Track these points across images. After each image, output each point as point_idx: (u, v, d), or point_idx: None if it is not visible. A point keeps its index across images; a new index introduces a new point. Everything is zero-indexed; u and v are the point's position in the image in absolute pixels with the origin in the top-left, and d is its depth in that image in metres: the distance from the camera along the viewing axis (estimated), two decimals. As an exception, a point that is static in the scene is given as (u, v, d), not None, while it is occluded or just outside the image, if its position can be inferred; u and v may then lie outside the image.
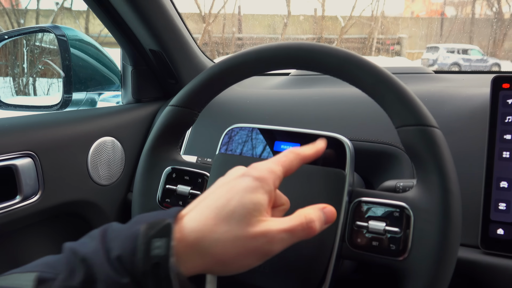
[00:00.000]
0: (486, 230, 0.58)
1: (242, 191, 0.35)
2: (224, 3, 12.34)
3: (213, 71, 0.56)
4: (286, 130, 0.54)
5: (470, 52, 9.56)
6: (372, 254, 0.46)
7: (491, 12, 11.12)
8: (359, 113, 0.73)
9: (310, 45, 0.52)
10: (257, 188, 0.36)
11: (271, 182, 0.37)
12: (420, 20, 12.26)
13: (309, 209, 0.39)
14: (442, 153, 0.45)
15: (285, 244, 0.36)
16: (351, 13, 11.56)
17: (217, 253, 0.33)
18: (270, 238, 0.34)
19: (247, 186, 0.36)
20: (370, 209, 0.48)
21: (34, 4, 9.91)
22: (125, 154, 0.84)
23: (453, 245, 0.43)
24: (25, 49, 1.34)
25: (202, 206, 0.35)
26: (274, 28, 11.74)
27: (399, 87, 0.47)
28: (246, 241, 0.34)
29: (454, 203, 0.43)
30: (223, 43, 11.28)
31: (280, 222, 0.36)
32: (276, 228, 0.35)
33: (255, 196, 0.35)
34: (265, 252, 0.35)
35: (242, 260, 0.34)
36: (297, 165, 0.41)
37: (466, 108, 0.67)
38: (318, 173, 0.50)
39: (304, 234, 0.37)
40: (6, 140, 0.63)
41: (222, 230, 0.33)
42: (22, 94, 1.60)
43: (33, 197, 0.66)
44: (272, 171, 0.38)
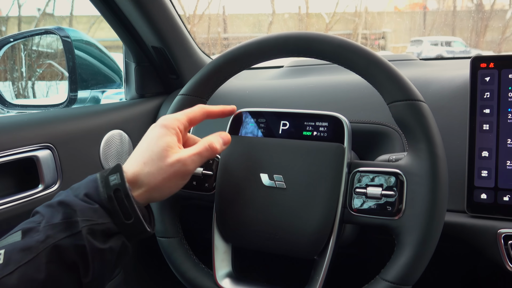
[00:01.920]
0: (471, 195, 0.64)
1: (155, 137, 0.48)
2: (209, 4, 12.31)
3: (218, 61, 0.61)
4: (289, 112, 0.60)
5: (453, 44, 9.71)
6: (371, 216, 0.52)
7: (472, 4, 11.30)
8: (351, 98, 0.79)
9: (307, 34, 0.57)
10: (165, 132, 0.49)
11: (176, 126, 0.50)
12: (404, 14, 12.40)
13: (210, 136, 0.53)
14: (429, 123, 0.51)
15: (196, 164, 0.49)
16: (335, 9, 11.64)
17: (150, 181, 0.46)
18: (183, 162, 0.47)
19: (158, 133, 0.49)
20: (368, 178, 0.54)
21: (15, 11, 9.78)
22: (132, 146, 0.89)
23: (442, 202, 0.49)
24: (23, 54, 1.37)
25: (132, 155, 0.49)
26: (259, 27, 11.78)
27: (389, 67, 0.53)
28: (167, 168, 0.47)
29: (441, 166, 0.49)
30: (209, 43, 11.28)
31: (189, 149, 0.49)
32: (187, 154, 0.48)
33: (165, 138, 0.48)
34: (183, 172, 0.48)
35: (169, 183, 0.47)
36: (200, 117, 0.54)
37: (449, 87, 0.74)
38: (321, 147, 0.56)
39: (209, 153, 0.50)
40: (28, 133, 0.67)
41: (149, 165, 0.46)
42: (21, 98, 1.63)
43: (53, 186, 0.70)
44: (176, 119, 0.51)
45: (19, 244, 0.39)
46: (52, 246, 0.39)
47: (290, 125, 0.59)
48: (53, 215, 0.41)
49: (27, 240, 0.39)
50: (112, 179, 0.44)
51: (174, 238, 0.61)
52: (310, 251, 0.55)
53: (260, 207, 0.56)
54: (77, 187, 0.45)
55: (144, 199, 0.47)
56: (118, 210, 0.43)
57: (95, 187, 0.44)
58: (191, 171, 0.49)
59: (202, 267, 0.60)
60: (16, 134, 0.66)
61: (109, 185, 0.44)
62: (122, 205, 0.43)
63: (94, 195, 0.43)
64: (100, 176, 0.45)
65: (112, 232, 0.43)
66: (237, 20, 11.87)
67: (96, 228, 0.41)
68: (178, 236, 0.61)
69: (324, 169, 0.55)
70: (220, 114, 0.57)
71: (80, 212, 0.41)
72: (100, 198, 0.43)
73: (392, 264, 0.50)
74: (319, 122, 0.58)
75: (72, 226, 0.40)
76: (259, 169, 0.57)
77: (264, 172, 0.57)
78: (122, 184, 0.44)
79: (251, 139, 0.60)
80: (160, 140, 0.48)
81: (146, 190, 0.46)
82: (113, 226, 0.43)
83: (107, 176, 0.44)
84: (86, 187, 0.44)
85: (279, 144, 0.58)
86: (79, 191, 0.44)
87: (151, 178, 0.46)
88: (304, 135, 0.58)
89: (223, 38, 11.60)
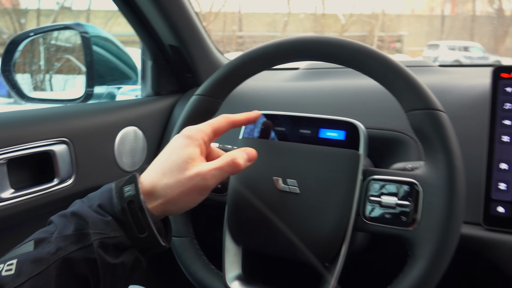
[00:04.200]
0: (488, 208, 0.63)
1: (178, 147, 0.47)
2: (225, 2, 12.34)
3: (235, 63, 0.61)
4: (305, 116, 0.59)
5: (471, 50, 9.58)
6: (385, 226, 0.52)
7: (492, 9, 11.12)
8: (368, 103, 0.78)
9: (325, 38, 0.57)
10: (188, 143, 0.47)
11: (200, 138, 0.48)
12: (421, 18, 12.27)
13: (234, 151, 0.50)
14: (448, 133, 0.50)
15: (217, 179, 0.46)
16: (352, 10, 11.58)
17: (166, 194, 0.44)
18: (203, 176, 0.45)
19: (181, 143, 0.47)
20: (383, 186, 0.53)
21: (35, 4, 9.94)
22: (147, 143, 0.89)
23: (458, 215, 0.48)
24: (42, 47, 1.38)
25: (152, 165, 0.47)
26: (274, 26, 11.77)
27: (408, 75, 0.52)
28: (185, 182, 0.44)
29: (458, 178, 0.48)
30: (224, 41, 11.31)
31: (210, 163, 0.47)
32: (208, 168, 0.46)
33: (187, 149, 0.46)
34: (202, 187, 0.46)
35: (187, 196, 0.45)
36: (225, 126, 0.52)
37: (468, 96, 0.72)
38: (336, 154, 0.55)
39: (231, 169, 0.48)
40: (45, 128, 0.68)
41: (168, 177, 0.45)
42: (39, 90, 1.65)
43: (68, 181, 0.71)
44: (200, 130, 0.49)
45: (31, 255, 0.38)
46: (62, 258, 0.38)
47: (306, 129, 0.59)
48: (66, 226, 0.41)
49: (39, 251, 0.39)
50: (126, 190, 0.43)
51: (186, 238, 0.61)
52: (322, 257, 0.54)
53: (272, 211, 0.56)
54: (93, 197, 0.44)
55: (160, 211, 0.45)
56: (131, 223, 0.42)
57: (109, 197, 0.42)
58: (211, 187, 0.47)
59: (212, 268, 0.60)
60: (34, 128, 0.67)
61: (123, 196, 0.42)
62: (135, 218, 0.42)
63: (108, 207, 0.42)
64: (115, 187, 0.44)
65: (124, 246, 0.42)
66: (252, 18, 11.89)
67: (107, 242, 0.40)
68: (189, 235, 0.61)
69: (339, 175, 0.54)
70: (245, 122, 0.55)
71: (92, 224, 0.40)
72: (114, 209, 0.42)
73: (405, 276, 0.49)
74: (335, 128, 0.57)
75: (84, 239, 0.40)
76: (273, 172, 0.57)
77: (278, 176, 0.57)
78: (137, 195, 0.42)
79: (266, 142, 0.60)
80: (182, 151, 0.46)
81: (162, 203, 0.44)
82: (126, 240, 0.41)
83: (122, 187, 0.43)
84: (101, 197, 0.43)
85: (294, 148, 0.57)
86: (93, 201, 0.43)
87: (168, 191, 0.44)
88: (319, 140, 0.57)
89: (238, 37, 11.62)
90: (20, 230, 0.70)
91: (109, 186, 0.44)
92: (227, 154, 0.49)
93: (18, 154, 0.64)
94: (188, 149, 0.46)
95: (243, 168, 0.49)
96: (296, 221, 0.55)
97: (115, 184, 0.44)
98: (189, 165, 0.45)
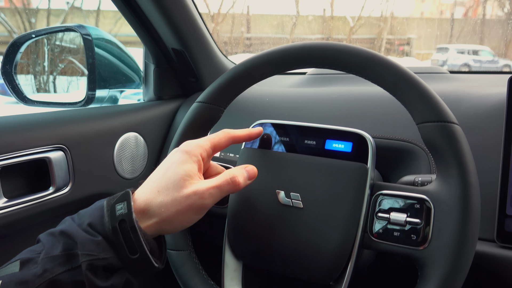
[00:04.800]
0: (502, 224, 0.60)
1: (175, 163, 0.44)
2: (233, 3, 12.35)
3: (238, 69, 0.58)
4: (311, 126, 0.56)
5: (480, 53, 9.47)
6: (394, 244, 0.49)
7: (502, 13, 11.01)
8: (376, 111, 0.75)
9: (333, 45, 0.54)
10: (186, 159, 0.45)
11: (198, 153, 0.46)
12: (430, 21, 12.18)
13: (234, 168, 0.48)
14: (462, 148, 0.47)
15: (215, 198, 0.44)
16: (360, 13, 11.52)
17: (162, 212, 0.42)
18: (200, 195, 0.43)
19: (178, 159, 0.45)
20: (392, 202, 0.50)
21: (45, 4, 10.02)
22: (147, 149, 0.87)
23: (473, 235, 0.45)
24: (46, 48, 1.37)
25: (148, 181, 0.45)
26: (282, 28, 11.74)
27: (420, 85, 0.49)
28: (182, 200, 0.42)
29: (473, 195, 0.45)
30: (232, 42, 11.31)
31: (208, 181, 0.44)
32: (205, 186, 0.43)
33: (185, 165, 0.44)
34: (199, 206, 0.43)
35: (183, 216, 0.43)
36: (225, 142, 0.50)
37: (482, 106, 0.69)
38: (342, 166, 0.52)
39: (230, 188, 0.45)
40: (41, 134, 0.66)
41: (163, 195, 0.42)
42: (42, 92, 1.64)
43: (64, 189, 0.69)
44: (199, 145, 0.47)
45: (16, 276, 0.36)
46: (49, 281, 0.36)
47: (311, 140, 0.56)
48: (54, 246, 0.38)
49: (25, 273, 0.36)
50: (118, 208, 0.40)
51: (184, 251, 0.58)
52: (326, 276, 0.52)
53: (274, 226, 0.53)
54: (83, 214, 0.41)
55: (154, 231, 0.43)
56: (122, 244, 0.39)
57: (100, 216, 0.40)
58: (208, 206, 0.44)
59: (211, 284, 0.58)
60: (29, 134, 0.65)
61: (114, 215, 0.40)
62: (127, 238, 0.39)
63: (98, 226, 0.40)
64: (107, 204, 0.41)
65: (115, 268, 0.39)
66: (261, 20, 11.87)
67: (97, 264, 0.38)
68: (188, 249, 0.59)
69: (345, 190, 0.51)
70: (246, 138, 0.53)
71: (81, 245, 0.38)
72: (105, 229, 0.39)
73: None
74: (343, 139, 0.54)
75: (72, 260, 0.37)
76: (276, 185, 0.54)
77: (281, 189, 0.54)
78: (129, 214, 0.40)
79: (270, 152, 0.57)
80: (179, 167, 0.44)
81: (157, 222, 0.42)
82: (116, 261, 0.39)
83: (114, 205, 0.41)
84: (91, 215, 0.40)
85: (299, 160, 0.55)
86: (83, 219, 0.40)
87: (163, 209, 0.42)
88: (325, 152, 0.54)
89: (246, 38, 11.60)
90: (14, 240, 0.68)
91: (101, 203, 0.42)
92: (227, 172, 0.46)
93: (12, 162, 0.61)
94: (186, 165, 0.44)
95: (242, 187, 0.47)
96: (299, 237, 0.52)
97: (107, 201, 0.42)
98: (186, 183, 0.43)
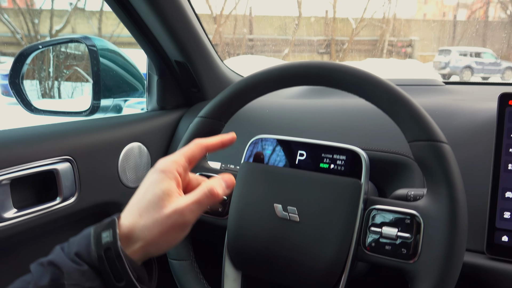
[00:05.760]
0: (492, 237, 0.62)
1: (152, 184, 0.44)
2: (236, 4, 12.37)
3: (239, 86, 0.61)
4: (307, 142, 0.59)
5: (483, 55, 9.48)
6: (385, 257, 0.51)
7: (505, 15, 11.00)
8: (374, 124, 0.78)
9: (329, 64, 0.57)
10: (162, 178, 0.44)
11: (174, 169, 0.45)
12: (433, 23, 12.18)
13: (211, 180, 0.47)
14: (451, 166, 0.49)
15: (196, 213, 0.44)
16: (363, 15, 11.53)
17: (145, 236, 0.42)
18: (180, 212, 0.43)
19: (155, 179, 0.44)
20: (384, 216, 0.53)
21: (48, 4, 10.07)
22: (150, 158, 0.90)
23: (460, 249, 0.47)
24: (52, 54, 1.40)
25: (129, 205, 0.44)
26: (285, 29, 11.77)
27: (412, 105, 0.52)
28: (163, 221, 0.42)
29: (460, 212, 0.48)
30: (234, 44, 11.34)
31: (187, 197, 0.44)
32: (185, 203, 0.43)
33: (162, 185, 0.44)
34: (181, 224, 0.43)
35: (166, 236, 0.43)
36: (199, 153, 0.49)
37: (474, 121, 0.71)
38: (337, 182, 0.55)
39: (210, 201, 0.45)
40: (49, 146, 0.69)
41: (145, 218, 0.42)
42: (48, 97, 1.67)
43: (71, 199, 0.71)
44: (173, 161, 0.46)
45: None
46: None
47: (307, 155, 0.58)
48: (42, 276, 0.39)
49: None
50: (104, 236, 0.40)
51: (185, 261, 0.61)
52: (322, 286, 0.54)
53: (272, 239, 0.56)
54: (71, 243, 0.42)
55: (141, 255, 0.42)
56: (108, 272, 0.39)
57: (87, 244, 0.40)
58: (190, 222, 0.44)
59: None
60: (38, 146, 0.68)
61: (100, 243, 0.40)
62: (113, 266, 0.39)
63: (85, 254, 0.40)
64: (94, 232, 0.41)
65: None
66: (263, 21, 11.89)
67: None
68: (190, 259, 0.61)
69: (339, 204, 0.54)
70: (219, 145, 0.52)
71: (67, 275, 0.38)
72: (91, 257, 0.40)
73: None
74: (337, 155, 0.57)
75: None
76: (273, 199, 0.57)
77: (278, 203, 0.56)
78: (114, 242, 0.40)
79: (267, 167, 0.59)
80: (157, 187, 0.43)
81: (142, 246, 0.42)
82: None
83: (100, 233, 0.41)
84: (79, 244, 0.41)
85: (295, 175, 0.57)
86: (71, 248, 0.41)
87: (146, 233, 0.42)
88: (321, 167, 0.57)
89: (248, 39, 11.63)
90: (23, 249, 0.70)
91: (88, 231, 0.42)
92: (204, 184, 0.46)
93: (22, 174, 0.64)
94: (163, 184, 0.44)
95: (222, 197, 0.46)
96: (296, 249, 0.54)
97: (94, 229, 0.42)
98: (165, 202, 0.43)
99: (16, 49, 9.99)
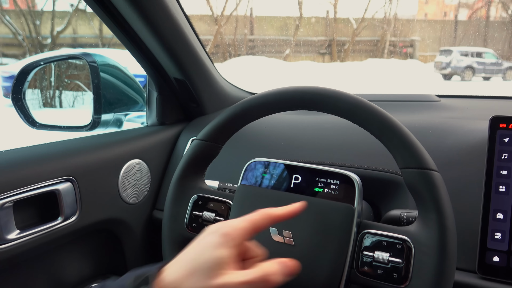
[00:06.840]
0: (483, 257, 0.64)
1: (209, 247, 0.41)
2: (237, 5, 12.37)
3: (236, 110, 0.63)
4: (302, 166, 0.61)
5: (484, 56, 9.47)
6: (377, 281, 0.53)
7: (506, 15, 10.98)
8: (369, 143, 0.79)
9: (324, 90, 0.58)
10: (222, 243, 0.41)
11: (237, 237, 0.42)
12: (434, 23, 12.16)
13: (270, 263, 0.44)
14: (441, 194, 0.51)
15: None
16: (364, 15, 11.54)
17: None
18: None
19: (214, 242, 0.42)
20: (376, 240, 0.54)
21: (49, 6, 10.10)
22: (150, 174, 0.91)
23: (449, 276, 0.49)
24: (53, 64, 1.42)
25: (180, 260, 0.42)
26: (286, 30, 11.78)
27: (403, 132, 0.53)
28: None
29: (450, 239, 0.49)
30: (235, 44, 11.36)
31: (240, 275, 0.41)
32: (236, 281, 0.40)
33: (219, 251, 0.41)
34: None
35: None
36: (265, 224, 0.47)
37: (466, 142, 0.73)
38: (330, 207, 0.56)
39: (262, 286, 0.42)
40: (50, 167, 0.70)
41: (192, 281, 0.40)
42: (48, 106, 1.68)
43: (72, 218, 0.73)
44: (239, 227, 0.43)
45: None
46: None
47: (302, 179, 0.60)
48: None
49: None
50: None
51: None
52: None
53: None
54: None
55: None
56: None
57: None
58: None
59: None
60: (40, 167, 0.69)
61: None
62: None
63: None
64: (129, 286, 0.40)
65: None
66: (264, 22, 11.90)
67: None
68: None
69: (333, 229, 0.55)
70: (288, 215, 0.49)
71: None
72: None
73: None
74: (331, 180, 0.58)
75: None
76: None
77: (274, 227, 0.58)
78: None
79: (263, 190, 0.61)
80: (215, 251, 0.41)
81: None
82: None
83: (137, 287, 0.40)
84: None
85: (290, 199, 0.59)
86: None
87: None
88: (315, 191, 0.58)
89: (249, 40, 11.64)
90: (25, 268, 0.72)
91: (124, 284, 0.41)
92: (262, 267, 0.43)
93: (24, 196, 0.66)
94: (222, 251, 0.41)
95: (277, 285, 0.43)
96: None
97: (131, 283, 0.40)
98: (217, 273, 0.40)
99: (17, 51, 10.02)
